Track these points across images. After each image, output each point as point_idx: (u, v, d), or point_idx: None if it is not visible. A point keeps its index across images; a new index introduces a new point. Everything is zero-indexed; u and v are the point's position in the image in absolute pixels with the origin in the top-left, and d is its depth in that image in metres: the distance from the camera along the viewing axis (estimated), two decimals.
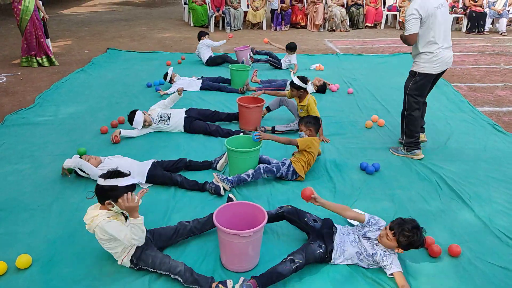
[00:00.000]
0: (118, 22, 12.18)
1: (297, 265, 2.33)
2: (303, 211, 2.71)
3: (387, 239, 2.37)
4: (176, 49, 8.70)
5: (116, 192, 2.27)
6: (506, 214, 3.07)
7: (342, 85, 6.22)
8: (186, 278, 2.30)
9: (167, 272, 2.34)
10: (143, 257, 2.39)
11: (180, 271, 2.31)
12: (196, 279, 2.28)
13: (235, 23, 11.22)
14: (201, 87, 5.91)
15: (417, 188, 3.42)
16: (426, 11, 3.57)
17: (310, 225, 2.62)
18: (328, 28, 11.49)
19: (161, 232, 2.62)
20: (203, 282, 2.28)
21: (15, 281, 2.35)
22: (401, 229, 2.33)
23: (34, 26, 6.87)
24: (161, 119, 4.37)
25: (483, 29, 11.06)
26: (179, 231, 2.65)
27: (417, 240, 2.33)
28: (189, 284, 2.29)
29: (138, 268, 2.41)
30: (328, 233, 2.54)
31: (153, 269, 2.38)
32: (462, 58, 8.32)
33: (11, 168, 3.64)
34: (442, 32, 3.68)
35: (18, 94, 5.69)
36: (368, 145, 4.22)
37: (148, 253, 2.40)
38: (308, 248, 2.44)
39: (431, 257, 2.60)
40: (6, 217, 2.94)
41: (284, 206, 2.75)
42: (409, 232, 2.31)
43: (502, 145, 4.23)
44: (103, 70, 6.95)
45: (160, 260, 2.37)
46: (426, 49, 3.69)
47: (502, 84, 6.51)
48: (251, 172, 3.34)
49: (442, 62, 3.72)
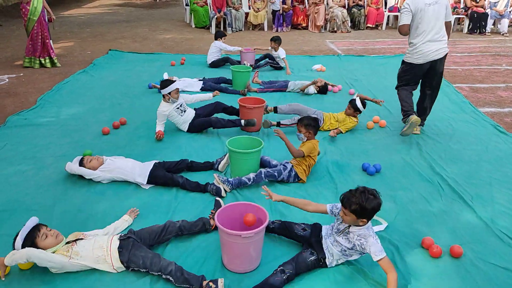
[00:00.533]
0: (120, 24, 12.21)
1: (287, 275, 2.32)
2: (291, 224, 2.70)
3: (345, 215, 2.32)
4: (177, 50, 8.72)
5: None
6: (508, 215, 3.07)
7: (344, 86, 6.23)
8: (177, 278, 2.30)
9: (158, 273, 2.34)
10: (132, 259, 2.38)
11: (171, 271, 2.31)
12: (186, 278, 2.29)
13: (236, 24, 11.23)
14: (202, 88, 5.91)
15: (418, 189, 3.42)
16: (416, 7, 4.05)
17: (300, 235, 2.63)
18: (330, 29, 11.49)
19: (149, 231, 2.62)
20: (193, 281, 2.28)
21: (17, 282, 2.36)
22: (348, 199, 2.28)
23: (41, 26, 6.92)
24: (179, 109, 4.35)
25: (485, 30, 11.05)
26: (167, 229, 2.65)
27: (368, 202, 2.23)
28: (180, 284, 2.30)
29: (131, 270, 2.41)
30: (316, 241, 2.54)
31: (144, 269, 2.37)
32: (464, 59, 8.31)
33: (13, 169, 3.65)
34: (431, 27, 4.05)
35: (20, 95, 5.71)
36: (370, 146, 4.22)
37: (138, 254, 2.39)
38: (299, 258, 2.44)
39: (433, 258, 2.60)
40: (9, 218, 2.95)
41: (275, 222, 2.73)
42: (355, 198, 2.25)
43: (504, 146, 4.23)
44: (105, 71, 6.97)
45: (151, 260, 2.36)
46: (412, 40, 4.22)
47: (503, 84, 6.51)
48: (252, 176, 3.33)
49: (422, 55, 4.16)
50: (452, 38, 10.64)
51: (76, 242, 2.44)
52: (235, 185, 3.31)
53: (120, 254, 2.39)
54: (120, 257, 2.39)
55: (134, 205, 3.11)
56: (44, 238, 2.37)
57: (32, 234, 2.37)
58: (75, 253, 2.37)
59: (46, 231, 2.41)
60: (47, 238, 2.38)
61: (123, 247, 2.42)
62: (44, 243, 2.36)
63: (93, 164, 3.41)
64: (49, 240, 2.38)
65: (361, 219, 2.30)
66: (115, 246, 2.42)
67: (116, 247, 2.41)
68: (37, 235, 2.36)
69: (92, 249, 2.41)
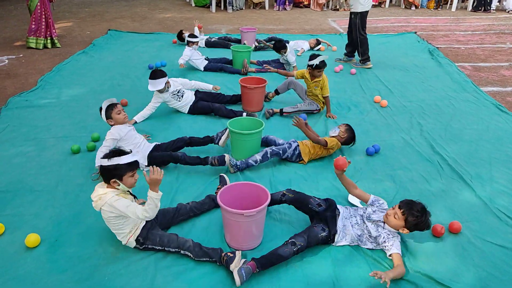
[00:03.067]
0: (119, 3, 12.04)
1: (298, 248, 2.36)
2: (306, 197, 2.66)
3: (395, 218, 2.39)
4: (177, 29, 8.58)
5: (120, 171, 2.31)
6: (507, 194, 3.09)
7: (345, 66, 6.18)
8: (196, 253, 2.37)
9: (176, 249, 2.40)
10: (150, 237, 2.44)
11: (189, 247, 2.38)
12: (206, 252, 2.36)
13: (237, 3, 11.06)
14: (205, 68, 5.91)
15: (418, 168, 3.44)
16: None
17: (314, 210, 2.60)
18: (332, 7, 11.32)
19: (164, 212, 2.67)
20: (213, 254, 2.35)
21: (23, 260, 2.41)
22: (410, 208, 2.36)
23: (43, 6, 6.87)
24: (176, 95, 4.34)
25: (490, 7, 10.86)
26: (179, 211, 2.71)
27: (424, 222, 2.37)
28: (199, 258, 2.36)
29: (144, 247, 2.46)
30: (331, 216, 2.56)
31: (161, 247, 2.43)
32: (467, 37, 8.21)
33: (15, 150, 3.68)
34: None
35: (21, 76, 5.69)
36: (370, 126, 4.22)
37: (155, 233, 2.46)
38: (311, 231, 2.47)
39: (431, 237, 2.63)
40: (12, 199, 2.99)
41: (286, 194, 2.70)
42: (418, 213, 2.35)
43: (505, 126, 4.22)
44: (104, 52, 6.92)
45: (168, 238, 2.44)
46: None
47: (507, 63, 6.45)
48: (258, 158, 3.35)
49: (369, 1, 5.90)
50: (455, 16, 10.49)
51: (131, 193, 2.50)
52: (242, 169, 3.33)
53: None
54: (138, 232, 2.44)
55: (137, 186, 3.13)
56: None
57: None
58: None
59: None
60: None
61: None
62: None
63: (118, 118, 3.25)
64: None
65: (406, 228, 2.39)
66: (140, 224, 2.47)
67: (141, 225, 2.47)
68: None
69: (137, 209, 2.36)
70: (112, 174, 2.32)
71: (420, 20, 10.06)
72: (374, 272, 2.10)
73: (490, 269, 2.38)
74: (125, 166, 2.32)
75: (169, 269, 2.35)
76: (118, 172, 2.32)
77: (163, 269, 2.35)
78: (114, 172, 2.31)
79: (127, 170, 2.33)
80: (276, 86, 4.75)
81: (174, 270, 2.34)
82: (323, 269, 2.36)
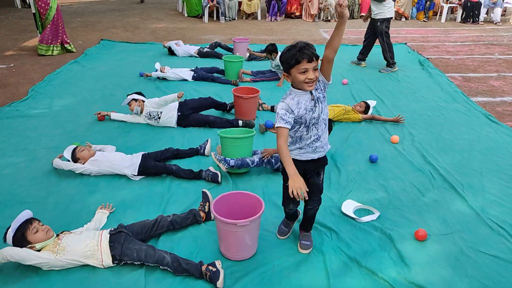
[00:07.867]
0: (111, 13, 12.05)
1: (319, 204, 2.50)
2: None
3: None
4: (170, 39, 8.60)
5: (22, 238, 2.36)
6: (499, 204, 3.11)
7: (337, 76, 6.22)
8: (175, 268, 2.32)
9: (155, 264, 2.35)
10: (126, 252, 2.37)
11: (168, 262, 2.33)
12: (185, 268, 2.31)
13: (229, 13, 11.14)
14: (193, 77, 5.88)
15: (410, 178, 3.45)
16: None
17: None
18: (323, 18, 11.44)
19: (141, 225, 2.62)
20: (192, 269, 2.31)
21: (11, 273, 2.36)
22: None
23: (58, 13, 7.10)
24: (151, 117, 4.32)
25: (478, 19, 11.07)
26: (159, 223, 2.65)
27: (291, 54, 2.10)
28: (179, 273, 2.32)
29: (123, 263, 2.40)
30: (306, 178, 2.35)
31: (139, 262, 2.37)
32: (457, 48, 8.33)
33: (5, 161, 3.63)
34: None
35: (11, 86, 5.64)
36: (363, 136, 4.24)
37: (132, 247, 2.39)
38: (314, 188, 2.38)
39: (425, 248, 2.63)
40: (2, 210, 2.94)
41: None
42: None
43: (495, 136, 4.27)
44: (96, 61, 6.90)
45: (146, 252, 2.37)
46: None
47: (496, 74, 6.54)
48: (256, 160, 3.35)
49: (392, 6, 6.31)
50: (445, 27, 10.66)
51: (64, 234, 2.43)
52: (237, 166, 3.30)
53: (112, 248, 2.38)
54: (111, 251, 2.37)
55: (127, 197, 3.11)
56: (34, 232, 2.36)
57: (24, 226, 2.37)
58: (62, 248, 2.35)
59: (38, 226, 2.40)
60: (37, 232, 2.36)
61: (114, 241, 2.41)
62: (34, 237, 2.35)
63: (84, 155, 3.38)
64: (39, 235, 2.36)
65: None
66: (106, 240, 2.40)
67: (107, 241, 2.40)
68: (28, 228, 2.36)
69: (80, 242, 2.38)
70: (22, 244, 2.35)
71: (410, 31, 10.20)
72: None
73: (483, 279, 2.38)
74: (19, 234, 2.35)
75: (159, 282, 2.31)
76: (24, 240, 2.35)
77: (153, 281, 2.31)
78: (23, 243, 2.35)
79: (27, 230, 2.36)
80: (269, 96, 4.77)
81: (165, 283, 2.30)
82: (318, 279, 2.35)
